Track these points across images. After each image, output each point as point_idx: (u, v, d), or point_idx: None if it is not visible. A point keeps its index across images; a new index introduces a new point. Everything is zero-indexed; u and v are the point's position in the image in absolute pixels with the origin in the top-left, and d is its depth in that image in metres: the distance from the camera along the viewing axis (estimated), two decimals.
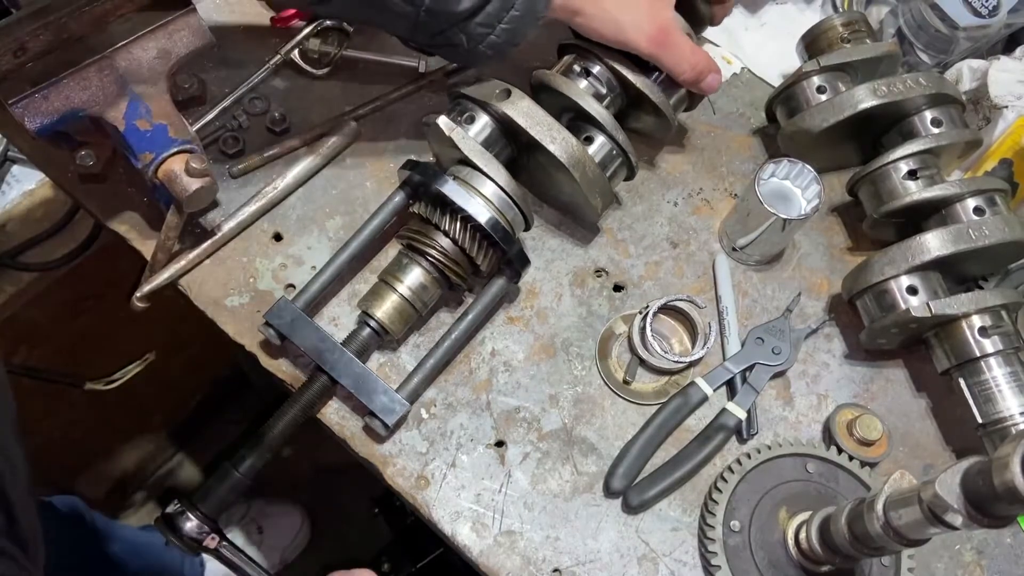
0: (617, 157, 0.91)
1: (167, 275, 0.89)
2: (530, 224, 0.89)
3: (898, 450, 0.90)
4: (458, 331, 0.86)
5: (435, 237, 0.84)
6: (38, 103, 0.77)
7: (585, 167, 0.86)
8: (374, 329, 0.85)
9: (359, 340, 0.84)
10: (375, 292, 0.86)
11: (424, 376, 0.85)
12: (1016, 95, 0.99)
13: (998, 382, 0.85)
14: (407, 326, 0.87)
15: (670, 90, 0.93)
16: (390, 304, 0.84)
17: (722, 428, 0.87)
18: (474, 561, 0.83)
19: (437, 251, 0.84)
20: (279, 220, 0.95)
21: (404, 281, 0.84)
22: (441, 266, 0.84)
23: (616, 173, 0.92)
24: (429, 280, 0.85)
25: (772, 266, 0.98)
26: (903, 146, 0.92)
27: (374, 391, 0.82)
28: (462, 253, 0.84)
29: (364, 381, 0.82)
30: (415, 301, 0.85)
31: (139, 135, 0.80)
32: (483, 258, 0.85)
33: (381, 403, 0.82)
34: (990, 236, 0.86)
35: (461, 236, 0.83)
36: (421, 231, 0.85)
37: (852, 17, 1.01)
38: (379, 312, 0.84)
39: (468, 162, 0.85)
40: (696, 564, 0.84)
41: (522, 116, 0.85)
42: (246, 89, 1.00)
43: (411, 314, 0.86)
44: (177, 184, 0.80)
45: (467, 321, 0.86)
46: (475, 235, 0.84)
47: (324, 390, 0.83)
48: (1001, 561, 0.87)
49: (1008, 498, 0.53)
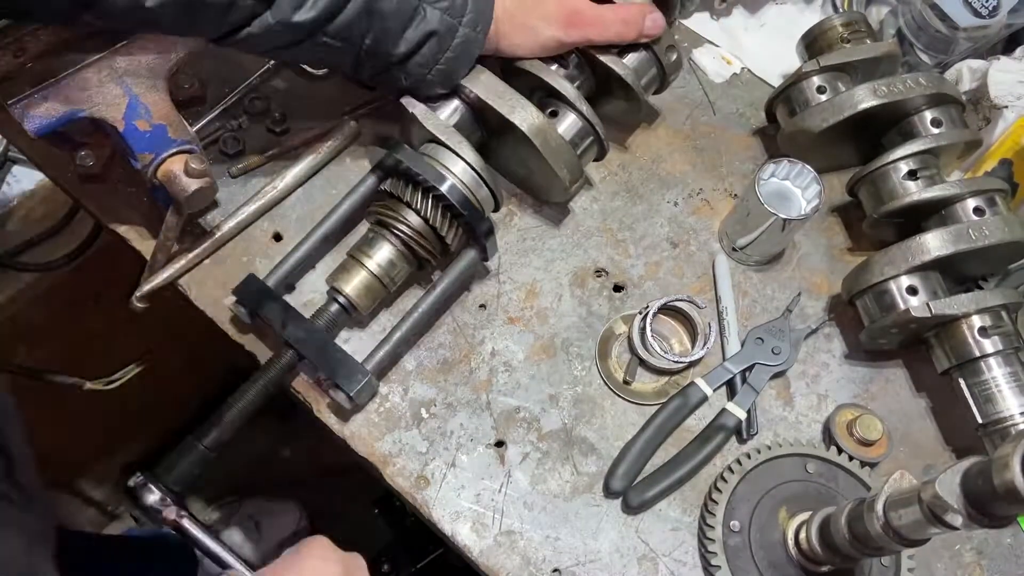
0: (587, 135, 0.91)
1: (166, 275, 0.89)
2: (499, 204, 0.90)
3: (898, 450, 0.90)
4: (426, 304, 0.86)
5: (404, 213, 0.85)
6: (37, 104, 0.77)
7: (547, 136, 0.87)
8: (342, 305, 0.85)
9: (327, 315, 0.85)
10: (344, 268, 0.86)
11: (390, 350, 0.85)
12: (1016, 95, 0.99)
13: (998, 382, 0.85)
14: (376, 302, 0.87)
15: (643, 69, 0.94)
16: (359, 280, 0.85)
17: (722, 428, 0.87)
18: (474, 561, 0.83)
19: (405, 226, 0.84)
20: (279, 220, 0.95)
21: (373, 257, 0.85)
22: (409, 241, 0.85)
23: (587, 151, 0.93)
24: (397, 256, 0.86)
25: (772, 266, 0.98)
26: (903, 146, 0.92)
27: (340, 364, 0.82)
28: (430, 229, 0.85)
29: (329, 355, 0.82)
30: (383, 277, 0.85)
31: (138, 135, 0.80)
32: (451, 234, 0.86)
33: (346, 376, 0.82)
34: (990, 236, 0.86)
35: (431, 213, 0.84)
36: (390, 207, 0.86)
37: (852, 17, 1.01)
38: (347, 287, 0.84)
39: (436, 139, 0.86)
40: (696, 564, 0.84)
41: (483, 89, 0.87)
42: (246, 89, 1.00)
43: (379, 290, 0.86)
44: (176, 184, 0.80)
45: (435, 294, 0.87)
46: (444, 211, 0.84)
47: (290, 364, 0.83)
48: (1001, 561, 0.87)
49: (1008, 498, 0.53)
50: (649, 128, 1.05)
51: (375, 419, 0.87)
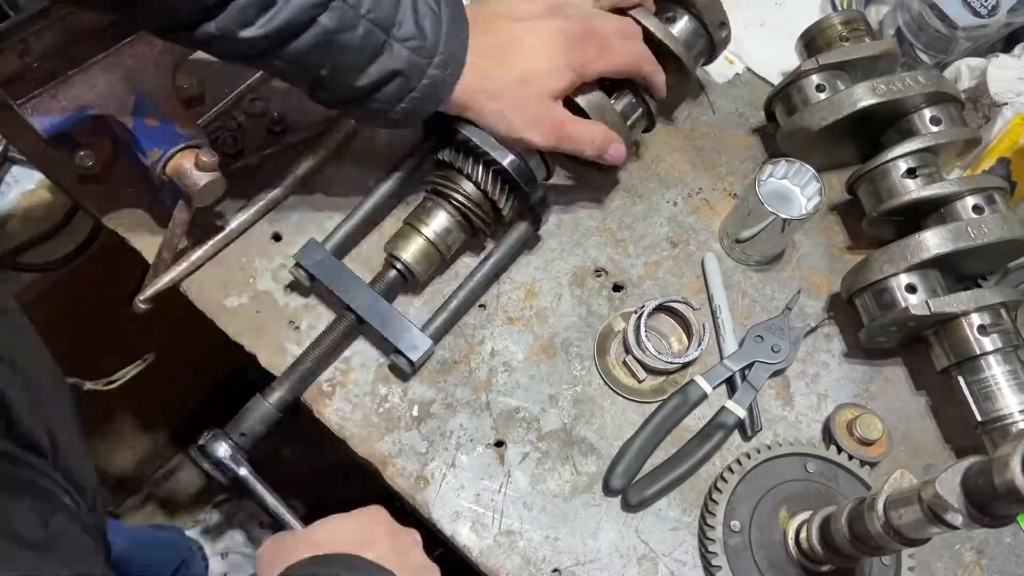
0: (637, 107, 0.94)
1: (171, 277, 0.89)
2: (551, 172, 0.93)
3: (898, 449, 0.90)
4: (481, 273, 0.89)
5: (459, 182, 0.86)
6: (47, 103, 0.77)
7: (606, 115, 0.89)
8: (400, 271, 0.87)
9: (386, 281, 0.87)
10: (401, 235, 0.88)
11: (447, 317, 0.88)
12: (1015, 92, 1.00)
13: (997, 380, 0.85)
14: (432, 268, 0.90)
15: (692, 41, 0.96)
16: (416, 247, 0.87)
17: (721, 426, 0.87)
18: (474, 561, 0.83)
19: (461, 195, 0.86)
20: (278, 220, 0.95)
21: (430, 224, 0.87)
22: (465, 210, 0.87)
23: (636, 124, 0.95)
24: (453, 224, 0.87)
25: (772, 266, 0.98)
26: (902, 144, 0.92)
27: (401, 329, 0.85)
28: (485, 198, 0.87)
29: (390, 320, 0.85)
30: (439, 244, 0.87)
31: (148, 132, 0.81)
32: (505, 202, 0.87)
33: (407, 340, 0.84)
34: (989, 234, 0.86)
35: (484, 180, 0.85)
36: (446, 176, 0.87)
37: (851, 16, 1.01)
38: (405, 254, 0.86)
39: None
40: (696, 564, 0.84)
41: None
42: (245, 89, 0.99)
43: (436, 257, 0.88)
44: (187, 179, 0.80)
45: (490, 264, 0.90)
46: (498, 179, 0.86)
47: (351, 329, 0.86)
48: (1001, 561, 0.87)
49: (1008, 497, 0.53)
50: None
51: (375, 420, 0.87)
